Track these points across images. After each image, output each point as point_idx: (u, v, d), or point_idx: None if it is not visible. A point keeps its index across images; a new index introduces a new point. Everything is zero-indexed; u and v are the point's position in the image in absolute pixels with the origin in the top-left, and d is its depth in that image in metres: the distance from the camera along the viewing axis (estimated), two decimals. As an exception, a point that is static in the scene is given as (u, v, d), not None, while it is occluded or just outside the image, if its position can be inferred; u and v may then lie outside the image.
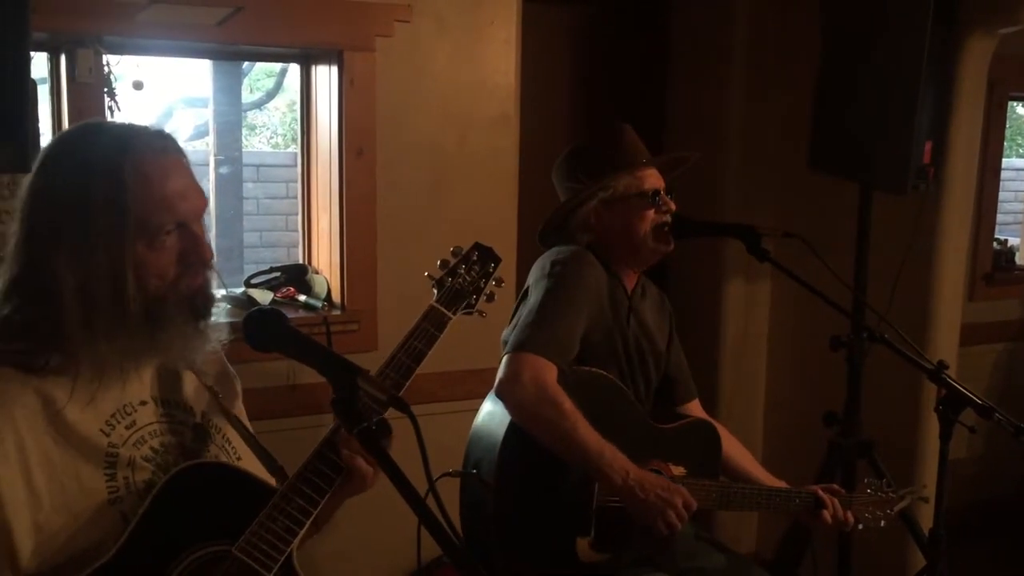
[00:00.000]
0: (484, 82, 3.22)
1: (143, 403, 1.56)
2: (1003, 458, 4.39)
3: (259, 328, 1.43)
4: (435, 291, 1.80)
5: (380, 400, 1.35)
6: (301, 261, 3.32)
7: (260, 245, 5.89)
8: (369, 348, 3.11)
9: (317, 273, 3.22)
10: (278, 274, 3.23)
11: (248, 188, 5.80)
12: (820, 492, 2.36)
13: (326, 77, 3.09)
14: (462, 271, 1.83)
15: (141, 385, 1.57)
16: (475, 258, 1.85)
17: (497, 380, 2.13)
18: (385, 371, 1.66)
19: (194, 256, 1.52)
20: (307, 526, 1.47)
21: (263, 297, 3.08)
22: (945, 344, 3.27)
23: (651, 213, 2.34)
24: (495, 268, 1.87)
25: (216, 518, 1.46)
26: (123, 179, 1.44)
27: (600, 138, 2.43)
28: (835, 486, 2.43)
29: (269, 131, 8.00)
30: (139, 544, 1.40)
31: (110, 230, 1.43)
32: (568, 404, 2.08)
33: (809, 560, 3.14)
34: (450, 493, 2.27)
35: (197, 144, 6.06)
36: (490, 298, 1.85)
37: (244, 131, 7.10)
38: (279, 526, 1.44)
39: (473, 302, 1.81)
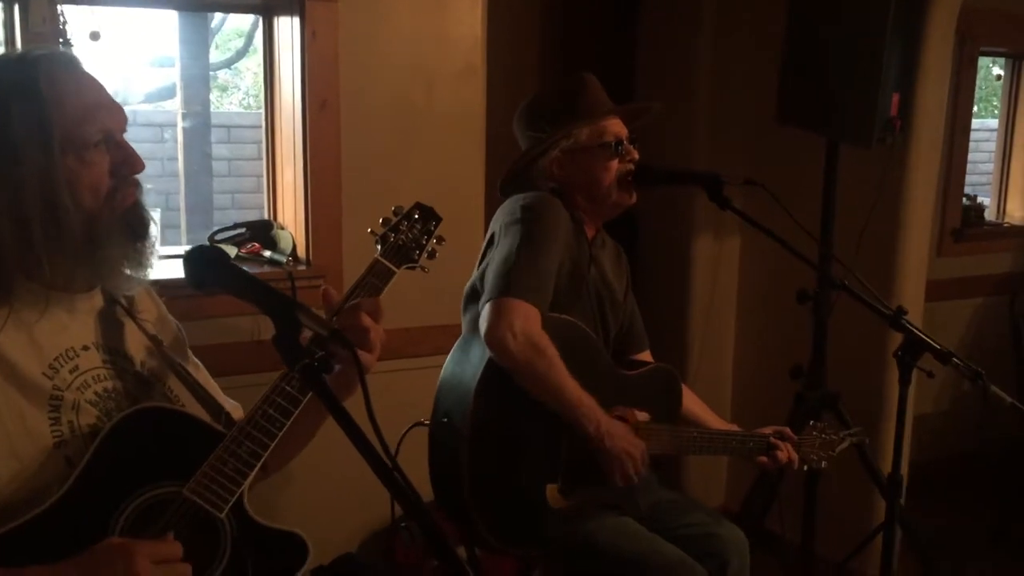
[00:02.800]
0: (450, 33, 3.18)
1: (85, 348, 1.54)
2: (966, 414, 4.46)
3: (198, 265, 1.41)
4: (378, 246, 1.80)
5: (322, 334, 1.33)
6: (266, 217, 3.28)
7: (231, 207, 5.85)
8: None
9: (282, 229, 3.19)
10: (243, 230, 3.19)
11: (219, 150, 5.75)
12: (772, 437, 2.44)
13: (288, 29, 3.04)
14: (404, 227, 1.82)
15: (83, 330, 1.55)
16: (416, 216, 1.85)
17: (485, 327, 2.13)
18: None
19: (126, 168, 1.52)
20: (257, 467, 1.46)
21: (228, 252, 3.04)
22: (911, 298, 3.28)
23: (615, 163, 2.34)
24: (436, 226, 1.87)
25: (164, 461, 1.45)
26: (41, 95, 1.44)
27: (562, 87, 2.41)
28: (786, 429, 2.49)
29: (241, 92, 7.91)
30: (86, 487, 1.40)
31: (37, 148, 1.43)
32: (554, 353, 2.12)
33: (775, 512, 3.18)
34: (419, 444, 2.27)
35: (166, 105, 5.99)
36: (431, 255, 1.85)
37: (215, 92, 7.02)
38: (230, 467, 1.44)
39: (415, 257, 1.81)
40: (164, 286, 1.82)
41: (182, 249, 2.97)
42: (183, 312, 1.88)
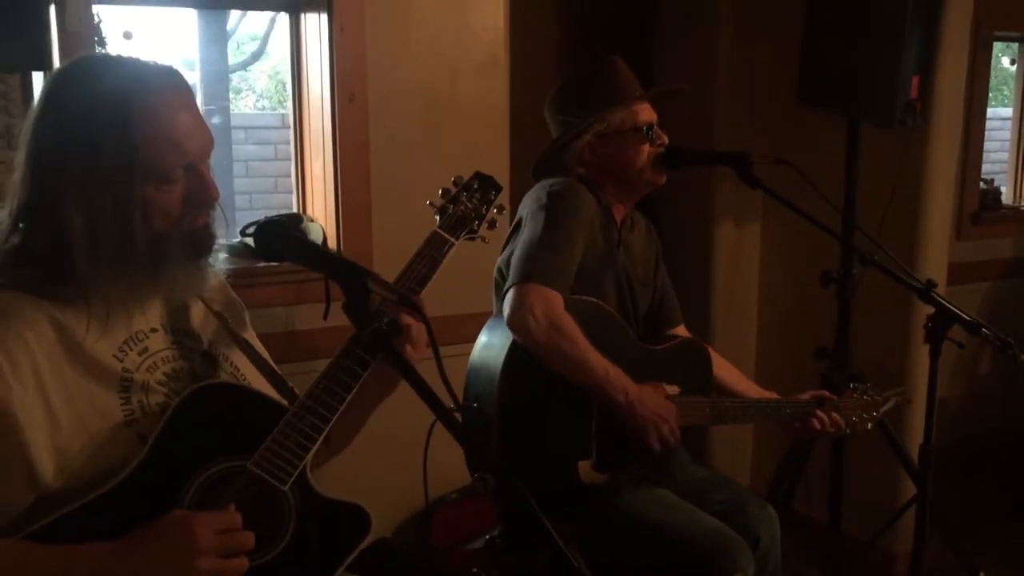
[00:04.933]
0: (473, 25, 3.23)
1: (153, 330, 1.58)
2: (982, 396, 4.50)
3: (269, 236, 1.45)
4: (437, 218, 1.83)
5: (391, 299, 1.38)
6: (296, 210, 3.33)
7: (249, 208, 5.89)
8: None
9: (312, 221, 3.24)
10: (273, 223, 3.24)
11: (237, 150, 5.79)
12: (809, 400, 2.45)
13: (315, 24, 3.09)
14: (464, 198, 1.85)
15: (151, 313, 1.59)
16: (476, 186, 1.88)
17: (508, 312, 2.17)
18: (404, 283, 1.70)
19: (200, 196, 1.53)
20: (320, 440, 1.50)
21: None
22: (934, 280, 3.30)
23: (646, 146, 2.38)
24: (496, 196, 1.90)
25: (230, 436, 1.49)
26: (132, 119, 1.44)
27: (593, 71, 2.45)
28: (824, 392, 2.50)
29: (255, 95, 7.96)
30: (156, 462, 1.43)
31: (119, 173, 1.44)
32: (578, 332, 2.16)
33: (802, 491, 3.22)
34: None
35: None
36: (491, 225, 1.88)
37: (232, 94, 7.06)
38: (292, 442, 1.48)
39: (475, 228, 1.84)
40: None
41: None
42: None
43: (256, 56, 7.06)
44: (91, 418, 1.46)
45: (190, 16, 5.02)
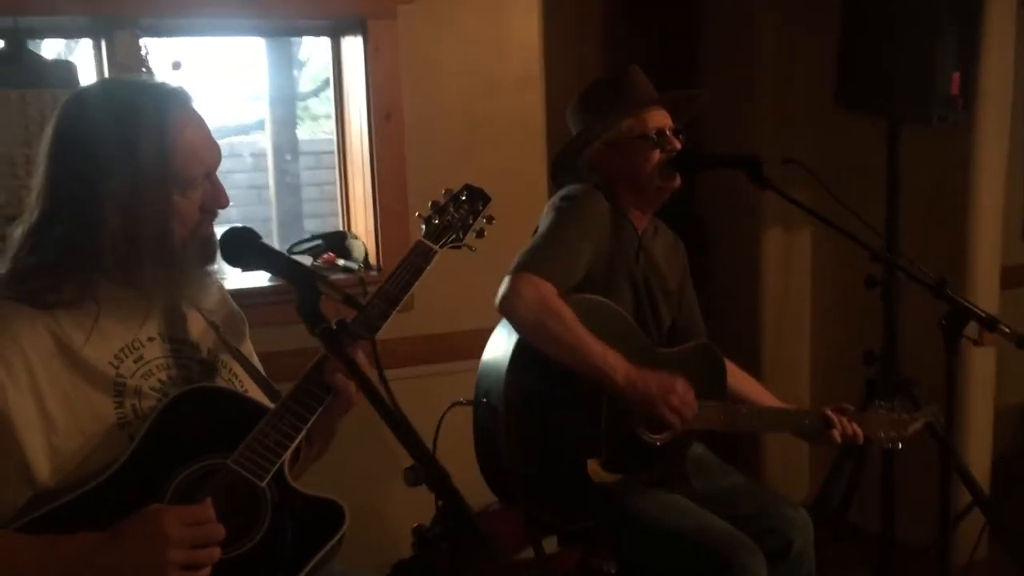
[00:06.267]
0: (507, 42, 3.28)
1: (151, 339, 1.67)
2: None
3: (233, 246, 1.53)
4: (423, 227, 1.90)
5: (335, 298, 1.44)
6: (341, 228, 3.44)
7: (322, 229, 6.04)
8: (404, 308, 3.19)
9: (355, 238, 3.33)
10: (319, 241, 3.35)
11: (308, 175, 5.98)
12: (829, 412, 2.40)
13: (352, 47, 3.20)
14: (451, 209, 1.92)
15: (150, 323, 1.68)
16: (464, 197, 1.94)
17: (498, 298, 2.19)
18: (373, 300, 1.77)
19: (215, 203, 1.65)
20: (297, 440, 1.57)
21: (303, 263, 3.20)
22: (984, 284, 3.19)
23: (656, 153, 2.38)
24: (484, 206, 1.96)
25: (213, 436, 1.56)
26: (166, 130, 1.57)
27: (606, 79, 2.47)
28: (845, 404, 2.46)
29: (330, 120, 8.16)
30: (141, 460, 1.52)
31: (156, 180, 1.56)
32: (571, 317, 2.15)
33: (857, 502, 3.15)
34: (464, 426, 2.34)
35: (256, 136, 6.25)
36: (479, 234, 1.94)
37: (307, 121, 7.28)
38: (271, 440, 1.55)
39: (461, 237, 1.90)
40: (247, 294, 1.94)
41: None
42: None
43: (328, 83, 7.26)
44: (86, 420, 1.55)
45: (259, 46, 5.22)
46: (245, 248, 1.56)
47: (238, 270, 1.68)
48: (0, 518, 1.47)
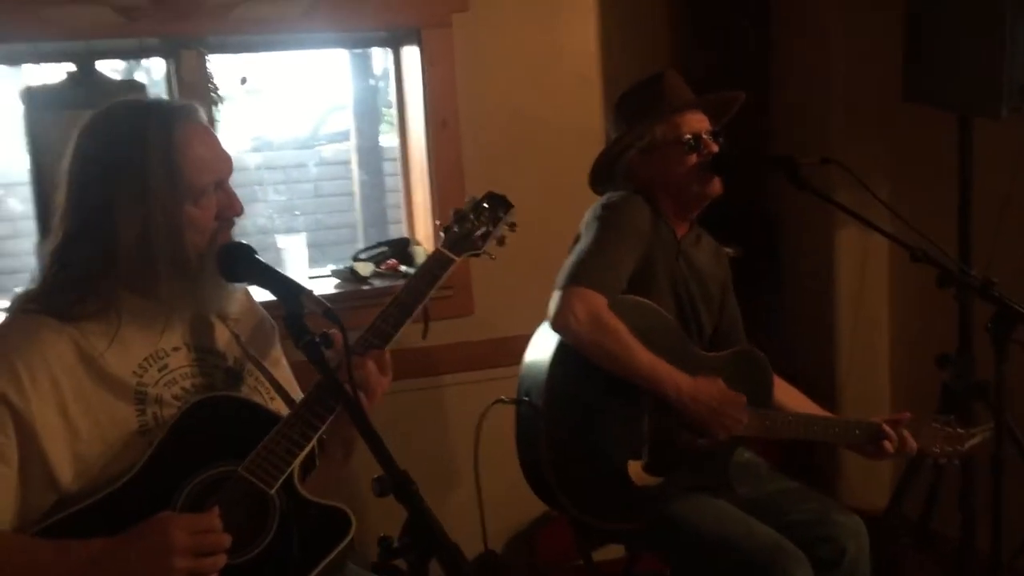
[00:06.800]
0: (563, 48, 3.28)
1: (176, 349, 1.73)
2: None
3: (228, 260, 1.58)
4: (442, 235, 1.91)
5: (318, 312, 1.47)
6: (405, 235, 3.49)
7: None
8: (465, 313, 3.24)
9: (418, 245, 3.38)
10: (384, 248, 3.41)
11: (389, 181, 6.09)
12: (882, 423, 2.33)
13: (411, 56, 3.25)
14: (471, 218, 1.93)
15: (175, 333, 1.75)
16: (485, 205, 1.95)
17: (552, 314, 2.20)
18: (388, 310, 1.79)
19: (230, 211, 1.71)
20: (307, 448, 1.61)
21: (365, 269, 3.27)
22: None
23: (692, 158, 2.35)
24: (506, 214, 1.96)
25: (229, 444, 1.61)
26: (173, 145, 1.63)
27: (640, 85, 2.45)
28: (900, 415, 2.37)
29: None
30: (157, 467, 1.58)
31: (167, 193, 1.62)
32: (622, 329, 2.16)
33: (937, 511, 3.03)
34: (507, 426, 2.33)
35: (340, 146, 6.38)
36: (500, 242, 1.94)
37: (391, 129, 7.39)
38: (282, 448, 1.59)
39: (480, 245, 1.91)
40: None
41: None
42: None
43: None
44: (108, 428, 1.62)
45: (344, 58, 5.34)
46: (239, 263, 1.61)
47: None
48: (26, 521, 1.55)
